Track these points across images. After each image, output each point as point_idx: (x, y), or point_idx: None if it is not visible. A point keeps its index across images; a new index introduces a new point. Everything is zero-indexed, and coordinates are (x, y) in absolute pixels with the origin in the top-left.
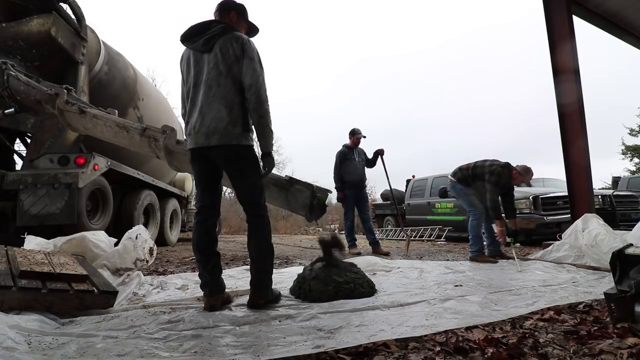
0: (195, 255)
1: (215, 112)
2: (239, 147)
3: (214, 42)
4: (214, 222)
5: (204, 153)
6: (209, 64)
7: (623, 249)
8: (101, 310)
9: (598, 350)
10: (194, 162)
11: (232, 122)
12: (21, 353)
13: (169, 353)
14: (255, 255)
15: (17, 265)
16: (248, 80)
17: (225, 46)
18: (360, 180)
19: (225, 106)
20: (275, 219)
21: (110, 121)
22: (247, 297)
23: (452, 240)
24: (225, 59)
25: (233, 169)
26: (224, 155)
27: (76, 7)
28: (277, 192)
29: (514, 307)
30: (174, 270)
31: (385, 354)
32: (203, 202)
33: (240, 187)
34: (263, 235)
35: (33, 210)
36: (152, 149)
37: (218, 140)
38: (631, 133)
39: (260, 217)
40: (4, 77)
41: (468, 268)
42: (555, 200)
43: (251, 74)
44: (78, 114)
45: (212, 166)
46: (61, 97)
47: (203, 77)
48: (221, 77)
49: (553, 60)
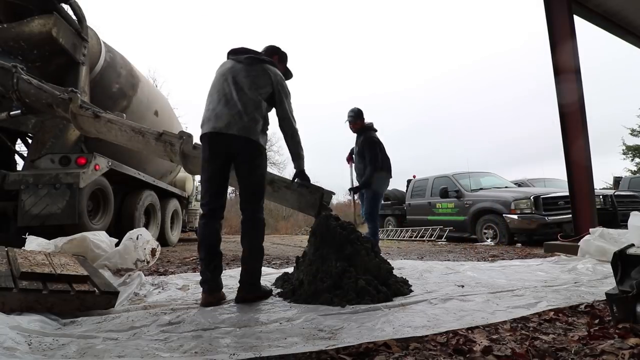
0: (200, 253)
1: (241, 107)
2: (259, 144)
3: (257, 63)
4: (219, 224)
5: (219, 141)
6: (247, 72)
7: (625, 249)
8: (102, 311)
9: (599, 351)
10: (208, 160)
11: (254, 120)
12: (22, 353)
13: (170, 353)
14: (246, 255)
15: (17, 266)
16: (284, 114)
17: (265, 71)
18: (359, 175)
19: (250, 107)
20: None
21: (125, 126)
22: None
23: (452, 241)
24: (263, 78)
25: (249, 163)
26: (242, 145)
27: (77, 7)
28: (290, 194)
29: (515, 307)
30: (174, 271)
31: (386, 354)
32: (210, 205)
33: (247, 182)
34: (256, 236)
35: (34, 211)
36: (168, 153)
37: (238, 131)
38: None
39: (256, 219)
40: (13, 80)
41: (469, 268)
42: (557, 200)
43: (286, 108)
44: (92, 118)
45: (223, 163)
46: (75, 101)
47: (238, 78)
48: (253, 86)
49: (554, 60)
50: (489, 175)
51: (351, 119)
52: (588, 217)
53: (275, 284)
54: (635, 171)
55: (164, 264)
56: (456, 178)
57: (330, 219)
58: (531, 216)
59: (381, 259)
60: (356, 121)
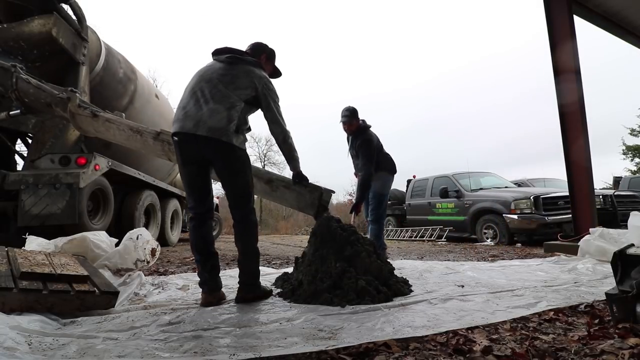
0: (194, 256)
1: (212, 106)
2: (232, 146)
3: (239, 63)
4: (210, 225)
5: (189, 144)
6: (225, 71)
7: (624, 249)
8: (102, 311)
9: (599, 351)
10: (182, 164)
11: (227, 118)
12: (22, 353)
13: (170, 354)
14: (241, 258)
15: (17, 266)
16: (271, 118)
17: (247, 73)
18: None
19: (223, 104)
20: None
21: (123, 125)
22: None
23: (452, 241)
24: (243, 80)
25: (228, 167)
26: (214, 149)
27: (77, 7)
28: (288, 193)
29: (515, 307)
30: (174, 271)
31: (386, 354)
32: (196, 210)
33: (231, 187)
34: (249, 239)
35: (34, 211)
36: (166, 152)
37: (207, 132)
38: (632, 133)
39: (247, 221)
40: (12, 79)
41: (469, 268)
42: (557, 200)
43: (274, 113)
44: (90, 118)
45: (199, 166)
46: (73, 100)
47: (214, 76)
48: (230, 85)
49: (554, 60)
50: (489, 175)
51: (346, 119)
52: (588, 217)
53: (275, 284)
54: (635, 171)
55: (164, 264)
56: (456, 178)
57: (332, 221)
58: (531, 216)
59: (383, 261)
60: (352, 121)
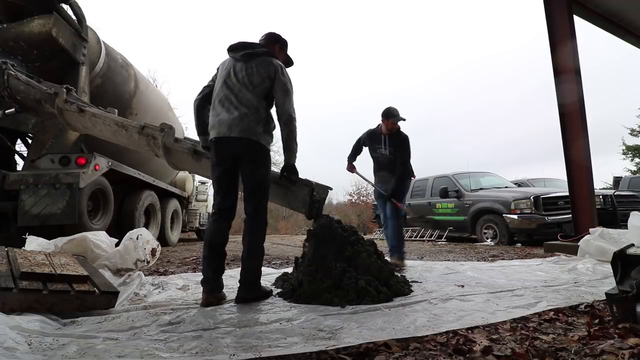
0: (205, 251)
1: (241, 110)
2: (260, 144)
3: (253, 58)
4: (228, 225)
5: (225, 144)
6: (242, 72)
7: (624, 249)
8: (102, 311)
9: (599, 351)
10: (215, 163)
11: (255, 121)
12: (22, 353)
13: (170, 354)
14: (245, 255)
15: (17, 266)
16: (281, 102)
17: (262, 65)
18: (384, 181)
19: (250, 108)
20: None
21: (109, 120)
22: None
23: (452, 241)
24: (259, 74)
25: (251, 163)
26: (244, 146)
27: (77, 7)
28: (277, 189)
29: (515, 307)
30: (174, 271)
31: (386, 354)
32: (219, 206)
33: (249, 182)
34: (257, 236)
35: (34, 211)
36: (151, 147)
37: (239, 133)
38: (632, 133)
39: (259, 219)
40: (4, 77)
41: (469, 268)
42: (557, 200)
43: (284, 96)
44: (77, 113)
45: (230, 165)
46: (60, 96)
47: (235, 81)
48: (250, 86)
49: (554, 60)
50: (489, 175)
51: (398, 119)
52: (588, 217)
53: (275, 284)
54: (635, 171)
55: (164, 264)
56: (456, 178)
57: (333, 221)
58: (531, 216)
59: (385, 261)
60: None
